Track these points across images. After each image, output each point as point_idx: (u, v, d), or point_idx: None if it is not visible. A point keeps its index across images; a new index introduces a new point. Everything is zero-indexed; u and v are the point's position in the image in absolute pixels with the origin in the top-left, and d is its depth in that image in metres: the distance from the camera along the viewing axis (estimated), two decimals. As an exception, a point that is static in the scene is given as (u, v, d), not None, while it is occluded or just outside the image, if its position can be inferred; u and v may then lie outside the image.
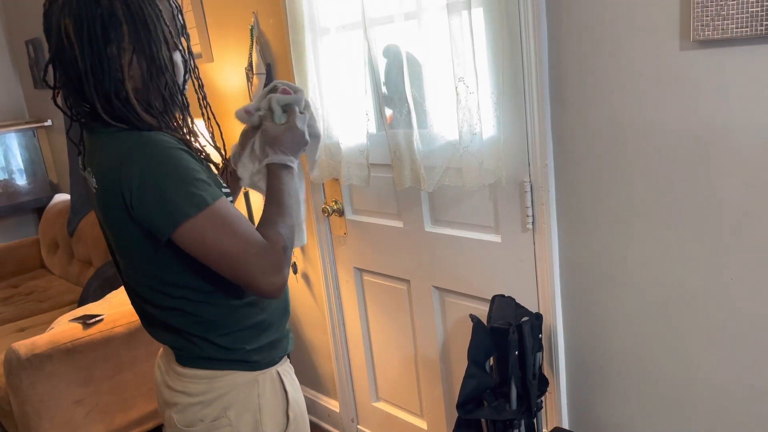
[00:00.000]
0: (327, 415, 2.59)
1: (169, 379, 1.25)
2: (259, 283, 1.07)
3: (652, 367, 1.50)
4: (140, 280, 1.18)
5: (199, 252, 1.06)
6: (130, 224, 1.07)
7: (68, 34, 1.04)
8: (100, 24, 1.05)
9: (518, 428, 1.59)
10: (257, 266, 1.06)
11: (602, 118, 1.43)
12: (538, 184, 1.58)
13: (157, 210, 1.03)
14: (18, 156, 4.29)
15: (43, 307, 3.20)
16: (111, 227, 1.12)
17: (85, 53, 1.05)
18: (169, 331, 1.21)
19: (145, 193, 1.02)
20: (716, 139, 1.27)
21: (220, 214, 1.06)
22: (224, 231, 1.05)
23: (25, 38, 4.13)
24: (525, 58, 1.52)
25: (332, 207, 2.24)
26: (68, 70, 1.08)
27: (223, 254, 1.06)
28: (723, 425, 1.41)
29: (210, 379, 1.21)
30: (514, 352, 1.53)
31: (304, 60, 1.99)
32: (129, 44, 1.07)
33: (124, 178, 1.03)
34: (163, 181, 1.03)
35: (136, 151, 1.04)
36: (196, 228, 1.04)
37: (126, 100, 1.08)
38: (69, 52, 1.06)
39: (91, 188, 1.13)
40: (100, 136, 1.11)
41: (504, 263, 1.75)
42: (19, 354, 2.13)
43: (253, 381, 1.23)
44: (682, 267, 1.39)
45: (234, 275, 1.08)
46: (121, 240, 1.13)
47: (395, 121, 1.79)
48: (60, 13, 1.05)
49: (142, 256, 1.12)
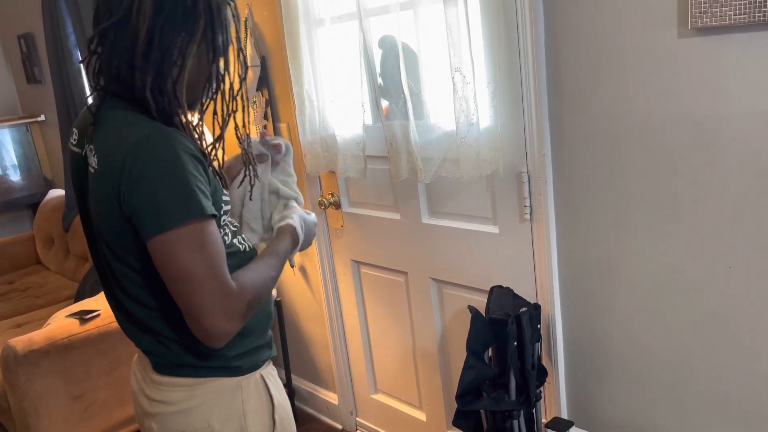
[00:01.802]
0: (326, 408, 2.59)
1: (147, 388, 1.20)
2: (205, 321, 0.99)
3: (651, 356, 1.50)
4: (127, 273, 1.10)
5: (162, 264, 0.99)
6: (119, 217, 1.02)
7: (143, 8, 1.01)
8: (181, 10, 1.03)
9: (517, 419, 1.59)
10: (213, 303, 0.99)
11: (600, 107, 1.42)
12: (536, 174, 1.58)
13: (144, 210, 0.98)
14: (12, 152, 4.26)
15: (39, 303, 3.19)
16: (101, 215, 1.06)
17: (155, 32, 1.01)
18: (147, 334, 1.16)
19: (138, 188, 0.98)
20: (715, 127, 1.26)
21: (202, 234, 1.00)
22: (200, 253, 0.99)
23: (17, 33, 4.09)
24: (522, 48, 1.51)
25: (329, 200, 2.23)
26: (124, 41, 1.02)
27: (185, 275, 0.98)
28: (722, 413, 1.41)
29: (190, 387, 1.16)
30: (513, 342, 1.53)
31: (299, 52, 1.98)
32: (200, 39, 1.05)
33: (125, 168, 0.98)
34: (163, 180, 0.98)
35: (141, 144, 0.99)
36: (172, 240, 0.98)
37: (173, 88, 1.05)
38: (134, 24, 1.01)
39: (87, 167, 1.07)
40: (115, 119, 1.05)
41: (502, 254, 1.75)
42: (16, 350, 2.12)
43: (236, 387, 1.18)
44: (680, 255, 1.38)
45: (184, 303, 1.00)
46: (111, 231, 1.06)
47: (391, 113, 1.78)
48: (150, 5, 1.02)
49: (130, 250, 1.06)
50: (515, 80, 1.54)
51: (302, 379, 2.69)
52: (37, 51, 3.94)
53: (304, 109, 2.03)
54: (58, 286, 3.37)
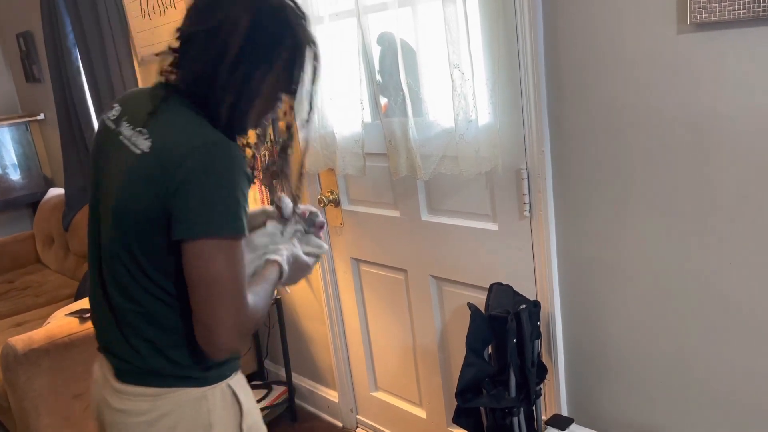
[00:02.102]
0: (326, 406, 2.59)
1: (109, 397, 1.17)
2: (218, 331, 1.02)
3: (651, 353, 1.50)
4: (125, 259, 1.08)
5: (196, 267, 1.01)
6: (155, 203, 1.02)
7: (239, 26, 1.04)
8: (270, 39, 1.07)
9: (517, 416, 1.59)
10: (230, 317, 1.02)
11: (599, 104, 1.42)
12: (535, 171, 1.57)
13: (195, 211, 1.00)
14: (11, 151, 4.25)
15: (39, 301, 3.19)
16: (134, 195, 1.05)
17: (244, 53, 1.05)
18: (129, 337, 1.13)
19: (191, 190, 1.00)
20: (714, 123, 1.26)
21: (237, 251, 1.04)
22: (233, 267, 1.03)
23: (15, 32, 4.08)
24: (520, 44, 1.50)
25: (328, 197, 2.23)
26: (212, 51, 1.05)
27: (214, 283, 1.01)
28: (722, 410, 1.41)
29: (154, 397, 1.13)
30: (513, 339, 1.52)
31: (298, 49, 1.97)
32: (280, 71, 1.10)
33: (185, 164, 0.99)
34: (216, 190, 1.01)
35: (207, 150, 1.01)
36: (215, 247, 1.01)
37: (244, 110, 1.10)
38: (226, 38, 1.04)
39: (124, 144, 1.07)
40: (183, 115, 1.07)
41: (501, 251, 1.75)
42: (16, 349, 2.12)
43: (201, 397, 1.15)
44: (679, 252, 1.38)
45: (204, 310, 1.02)
46: (137, 213, 1.05)
47: (390, 110, 1.78)
48: (243, 7, 1.05)
49: (146, 237, 1.06)
50: (514, 77, 1.54)
51: (302, 377, 2.69)
52: (36, 49, 3.94)
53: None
54: (58, 285, 3.38)
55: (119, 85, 3.00)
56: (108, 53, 2.98)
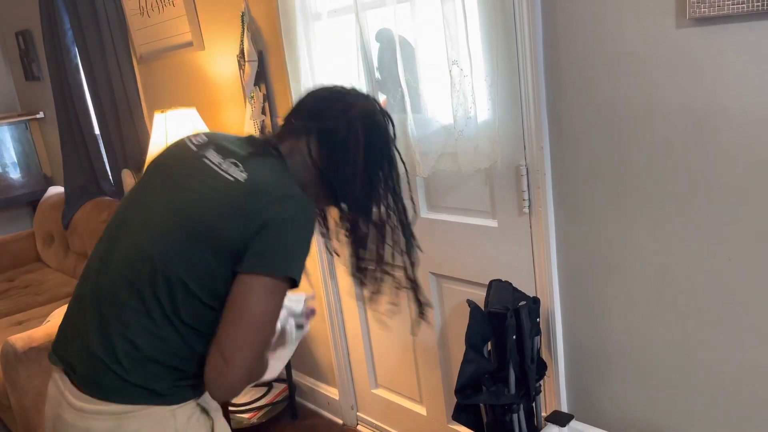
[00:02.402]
0: (327, 403, 2.59)
1: (68, 416, 1.12)
2: (234, 365, 1.05)
3: (651, 348, 1.49)
4: (161, 269, 1.08)
5: (247, 300, 1.06)
6: (234, 232, 1.07)
7: (357, 132, 1.17)
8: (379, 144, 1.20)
9: (517, 412, 1.59)
10: (251, 358, 1.06)
11: (598, 99, 1.41)
12: (534, 167, 1.57)
13: (273, 250, 1.06)
14: (11, 149, 4.25)
15: (39, 300, 3.19)
16: (211, 213, 1.08)
17: (360, 153, 1.17)
18: (103, 344, 1.10)
19: (276, 230, 1.06)
20: (714, 118, 1.26)
21: (283, 295, 1.11)
22: (275, 312, 1.10)
23: (14, 30, 4.08)
24: (519, 40, 1.50)
25: (327, 194, 2.23)
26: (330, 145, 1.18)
27: (255, 320, 1.06)
28: (722, 406, 1.41)
29: (118, 416, 1.09)
30: (512, 336, 1.52)
31: (296, 46, 1.97)
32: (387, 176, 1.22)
33: (274, 207, 1.07)
34: (297, 239, 1.09)
35: (299, 202, 1.10)
36: (273, 287, 1.07)
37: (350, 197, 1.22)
38: (343, 136, 1.17)
39: (211, 167, 1.13)
40: (274, 165, 1.15)
41: (501, 248, 1.74)
42: (16, 348, 2.12)
43: (169, 416, 1.11)
44: (680, 247, 1.38)
45: (232, 340, 1.05)
46: (202, 230, 1.08)
47: (389, 106, 1.77)
48: (360, 116, 1.18)
49: (201, 251, 1.08)
50: (513, 73, 1.54)
51: (303, 374, 2.69)
52: (35, 48, 3.93)
53: (302, 104, 2.02)
54: (58, 283, 3.38)
55: (118, 82, 2.99)
56: (107, 51, 2.97)
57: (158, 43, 2.80)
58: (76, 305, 1.19)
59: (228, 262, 1.07)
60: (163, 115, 2.42)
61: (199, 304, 1.10)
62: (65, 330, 1.21)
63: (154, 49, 2.84)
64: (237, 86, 2.43)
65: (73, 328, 1.18)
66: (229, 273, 1.08)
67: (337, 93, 1.23)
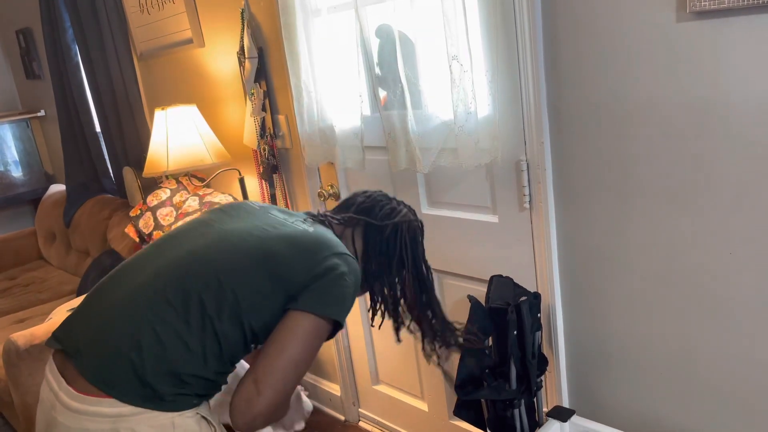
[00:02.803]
0: (328, 399, 2.59)
1: (63, 418, 1.11)
2: (263, 395, 1.11)
3: (652, 344, 1.49)
4: (223, 279, 1.16)
5: (293, 334, 1.16)
6: (298, 271, 1.19)
7: (405, 241, 1.38)
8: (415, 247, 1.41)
9: (518, 407, 1.59)
10: (280, 391, 1.14)
11: (598, 94, 1.41)
12: (535, 162, 1.57)
13: (326, 294, 1.19)
14: (12, 147, 4.26)
15: (41, 297, 3.19)
16: (281, 249, 1.21)
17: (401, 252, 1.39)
18: (131, 329, 1.12)
19: (334, 279, 1.20)
20: (714, 111, 1.25)
21: (318, 343, 1.20)
22: (314, 350, 1.19)
23: (15, 28, 4.08)
24: (519, 34, 1.50)
25: (328, 191, 2.23)
26: (377, 240, 1.38)
27: (293, 359, 1.15)
28: (723, 401, 1.41)
29: (115, 419, 1.08)
30: (513, 331, 1.52)
31: (296, 42, 1.96)
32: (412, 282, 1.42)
33: (335, 260, 1.22)
34: (348, 291, 1.22)
35: (353, 263, 1.26)
36: (317, 325, 1.18)
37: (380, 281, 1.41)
38: (393, 245, 1.38)
39: (278, 218, 1.29)
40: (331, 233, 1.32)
41: (502, 243, 1.74)
42: (17, 345, 2.13)
43: (168, 423, 1.11)
44: (681, 242, 1.38)
45: (270, 368, 1.13)
46: (269, 261, 1.19)
47: (389, 102, 1.77)
48: (405, 222, 1.39)
49: (260, 281, 1.18)
50: (513, 68, 1.53)
51: (304, 370, 2.70)
52: (36, 46, 3.93)
53: (302, 100, 2.02)
54: (60, 281, 3.38)
55: (119, 80, 2.99)
56: (107, 49, 2.97)
57: (158, 41, 2.80)
58: (102, 295, 1.21)
59: (282, 298, 1.18)
60: (163, 112, 2.42)
61: (237, 325, 1.16)
62: (75, 317, 1.21)
63: (155, 47, 2.84)
64: (237, 83, 2.43)
65: (89, 315, 1.19)
66: (280, 308, 1.18)
67: (384, 197, 1.45)
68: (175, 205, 2.49)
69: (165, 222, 2.45)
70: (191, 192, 2.54)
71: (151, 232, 2.45)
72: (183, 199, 2.51)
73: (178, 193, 2.53)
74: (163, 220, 2.45)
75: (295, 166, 2.33)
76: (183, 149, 2.39)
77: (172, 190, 2.55)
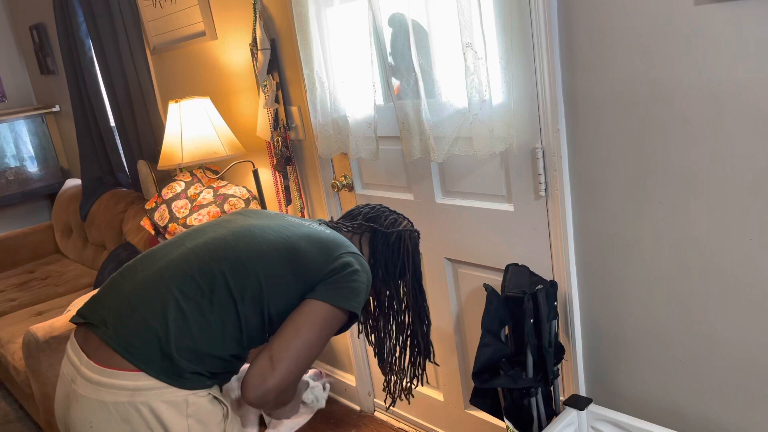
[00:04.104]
0: (344, 390, 2.60)
1: (83, 389, 1.15)
2: (274, 374, 1.17)
3: (670, 331, 1.48)
4: (249, 266, 1.23)
5: (308, 320, 1.22)
6: (318, 263, 1.27)
7: (408, 248, 1.50)
8: (413, 267, 1.53)
9: (535, 396, 1.58)
10: (291, 372, 1.19)
11: (614, 79, 1.39)
12: (551, 149, 1.56)
13: (342, 286, 1.26)
14: (28, 143, 4.30)
15: (59, 291, 3.23)
16: (302, 245, 1.28)
17: (405, 260, 1.51)
18: (158, 303, 1.16)
19: (349, 274, 1.28)
20: (733, 95, 1.23)
21: (330, 332, 1.27)
22: (326, 337, 1.25)
23: (29, 24, 4.11)
24: (534, 20, 1.48)
25: (342, 182, 2.23)
26: (382, 247, 1.49)
27: (307, 342, 1.21)
28: (743, 388, 1.40)
29: (132, 392, 1.12)
30: (530, 320, 1.52)
31: (309, 33, 1.96)
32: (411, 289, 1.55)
33: (350, 257, 1.30)
34: (362, 285, 1.29)
35: (365, 262, 1.35)
36: (332, 314, 1.25)
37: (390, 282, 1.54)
38: (398, 252, 1.49)
39: (295, 221, 1.38)
40: (345, 232, 1.48)
41: (517, 232, 1.73)
42: (37, 337, 2.15)
43: (181, 401, 1.15)
44: (699, 228, 1.36)
45: (279, 351, 1.18)
46: (291, 254, 1.26)
47: (403, 92, 1.76)
48: (408, 231, 1.50)
49: (282, 273, 1.25)
50: (528, 54, 1.52)
51: (320, 361, 2.71)
52: (50, 41, 3.96)
53: (315, 91, 2.01)
54: (77, 275, 3.42)
55: (132, 74, 3.01)
56: (120, 43, 2.99)
57: (171, 34, 2.80)
58: (130, 274, 1.25)
59: (301, 289, 1.26)
60: (177, 104, 2.43)
61: (258, 310, 1.22)
62: (102, 293, 1.26)
63: (167, 40, 2.85)
64: (250, 75, 2.44)
65: (116, 291, 1.23)
66: (297, 298, 1.25)
67: (387, 208, 1.56)
68: (190, 197, 2.51)
69: (180, 214, 2.46)
70: (205, 184, 2.55)
71: (167, 224, 2.46)
72: (197, 191, 2.52)
73: (192, 185, 2.55)
74: (178, 212, 2.47)
75: (309, 157, 2.33)
76: (197, 141, 2.40)
77: (187, 182, 2.56)
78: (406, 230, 1.50)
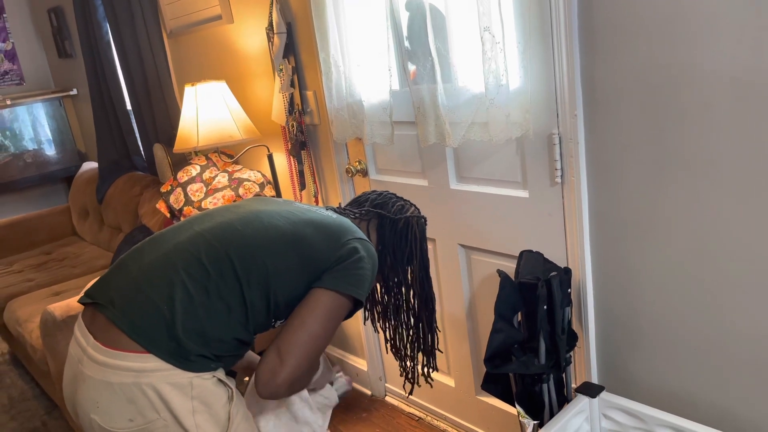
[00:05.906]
0: (355, 374, 2.62)
1: (89, 369, 1.16)
2: (286, 365, 1.17)
3: (684, 319, 1.47)
4: (257, 252, 1.23)
5: (314, 309, 1.23)
6: (322, 249, 1.27)
7: (416, 235, 1.50)
8: (420, 254, 1.53)
9: (547, 382, 1.58)
10: (301, 362, 1.19)
11: (634, 64, 1.38)
12: (567, 135, 1.54)
13: (347, 273, 1.26)
14: (46, 126, 4.34)
15: (75, 272, 3.27)
16: (308, 232, 1.28)
17: (414, 245, 1.51)
18: (165, 285, 1.17)
19: (355, 261, 1.27)
20: (754, 81, 1.21)
21: (338, 319, 1.26)
22: (333, 325, 1.26)
23: (47, 7, 4.13)
24: (553, 5, 1.46)
25: (356, 167, 2.23)
26: (390, 232, 1.49)
27: (314, 332, 1.21)
28: (760, 378, 1.38)
29: (137, 373, 1.13)
30: (543, 306, 1.51)
31: (325, 17, 1.95)
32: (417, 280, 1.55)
33: (356, 244, 1.29)
34: (367, 272, 1.29)
35: (372, 248, 1.34)
36: (338, 303, 1.25)
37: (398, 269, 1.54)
38: (405, 238, 1.49)
39: (302, 206, 1.38)
40: (359, 228, 1.41)
41: (532, 218, 1.72)
42: (54, 315, 2.18)
43: (186, 383, 1.16)
44: (718, 215, 1.35)
45: (289, 341, 1.19)
46: (297, 240, 1.27)
47: (419, 76, 1.75)
48: (415, 218, 1.49)
49: (288, 260, 1.25)
50: (546, 38, 1.50)
51: (332, 346, 2.73)
52: (67, 25, 3.98)
53: (331, 75, 2.01)
54: (94, 256, 3.46)
55: (149, 58, 3.02)
56: (137, 26, 2.99)
57: (188, 18, 2.81)
58: (138, 256, 1.26)
59: (307, 276, 1.26)
60: (193, 88, 2.44)
61: (264, 295, 1.22)
62: (110, 274, 1.27)
63: (184, 24, 2.85)
64: (266, 59, 2.43)
65: (124, 272, 1.24)
66: (304, 285, 1.25)
67: (394, 195, 1.56)
68: (205, 181, 2.52)
69: (195, 198, 2.48)
70: (221, 168, 2.56)
71: (182, 207, 2.48)
72: (212, 175, 2.53)
73: (207, 169, 2.56)
74: (194, 195, 2.48)
75: (323, 142, 2.33)
76: (213, 124, 2.40)
77: (202, 166, 2.57)
78: (414, 216, 1.50)
